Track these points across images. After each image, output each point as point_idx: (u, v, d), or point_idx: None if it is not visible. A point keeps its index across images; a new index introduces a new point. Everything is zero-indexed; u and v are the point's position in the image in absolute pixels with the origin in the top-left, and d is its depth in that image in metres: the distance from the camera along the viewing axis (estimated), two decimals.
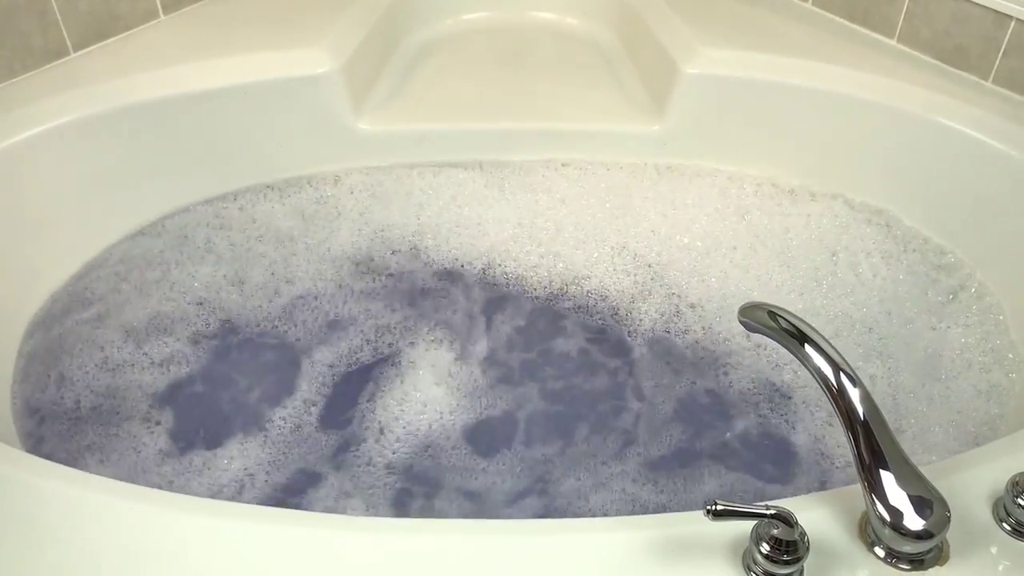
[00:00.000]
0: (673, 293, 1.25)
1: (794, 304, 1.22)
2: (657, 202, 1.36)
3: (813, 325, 0.69)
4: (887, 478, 0.64)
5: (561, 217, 1.35)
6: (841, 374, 0.66)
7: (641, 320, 1.23)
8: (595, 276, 1.28)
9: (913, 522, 0.63)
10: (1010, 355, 1.12)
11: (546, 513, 0.99)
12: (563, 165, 1.41)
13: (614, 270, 1.29)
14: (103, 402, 1.08)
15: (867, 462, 0.64)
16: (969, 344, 1.15)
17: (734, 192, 1.38)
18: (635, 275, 1.28)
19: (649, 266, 1.28)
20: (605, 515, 0.97)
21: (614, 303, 1.25)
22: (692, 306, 1.24)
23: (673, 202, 1.36)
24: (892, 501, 0.63)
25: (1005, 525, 0.68)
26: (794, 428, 1.09)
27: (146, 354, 1.14)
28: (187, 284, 1.24)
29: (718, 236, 1.32)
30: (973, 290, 1.21)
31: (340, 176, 1.40)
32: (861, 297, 1.23)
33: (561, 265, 1.30)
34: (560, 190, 1.38)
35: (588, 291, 1.27)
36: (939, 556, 0.66)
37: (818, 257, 1.28)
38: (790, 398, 1.12)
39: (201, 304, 1.22)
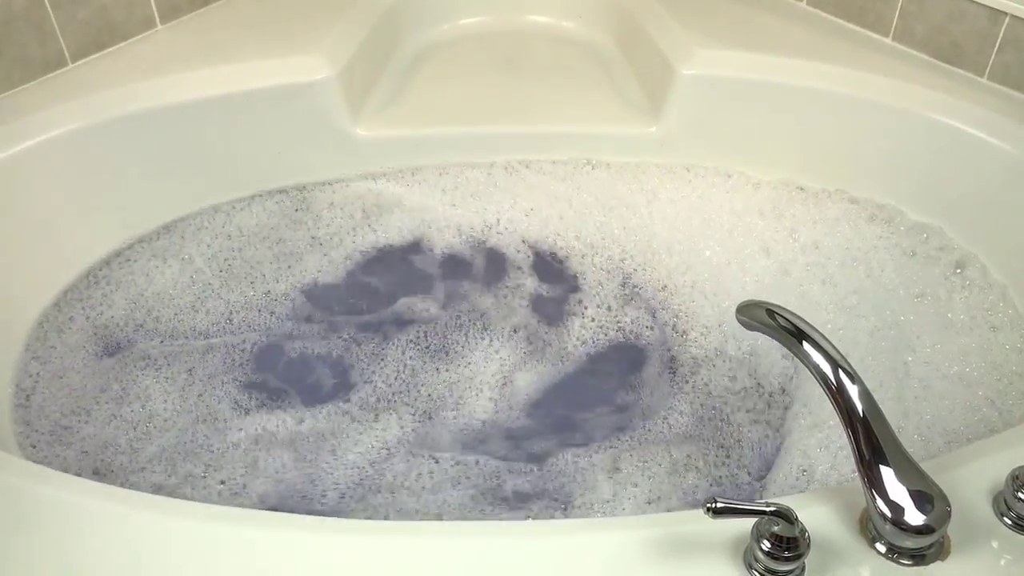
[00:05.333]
0: (667, 287, 1.26)
1: (795, 304, 1.22)
2: (654, 202, 1.37)
3: (811, 322, 0.69)
4: (887, 474, 0.64)
5: (560, 217, 1.36)
6: (840, 371, 0.66)
7: (641, 317, 1.23)
8: (594, 276, 1.29)
9: (914, 517, 0.63)
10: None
11: None
12: (562, 167, 1.41)
13: (613, 270, 1.29)
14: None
15: (867, 458, 0.65)
16: (976, 314, 1.16)
17: (731, 191, 1.38)
18: (634, 274, 1.28)
19: (648, 265, 1.29)
20: None
21: (615, 303, 1.25)
22: (690, 303, 1.24)
23: (670, 201, 1.37)
24: (892, 496, 0.63)
25: (1006, 519, 0.68)
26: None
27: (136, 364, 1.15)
28: (185, 293, 1.24)
29: (715, 235, 1.32)
30: (977, 276, 1.21)
31: (338, 182, 1.40)
32: (867, 291, 1.23)
33: (563, 266, 1.31)
34: (559, 191, 1.39)
35: (590, 291, 1.27)
36: (940, 551, 0.66)
37: (818, 253, 1.28)
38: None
39: (200, 311, 1.22)
